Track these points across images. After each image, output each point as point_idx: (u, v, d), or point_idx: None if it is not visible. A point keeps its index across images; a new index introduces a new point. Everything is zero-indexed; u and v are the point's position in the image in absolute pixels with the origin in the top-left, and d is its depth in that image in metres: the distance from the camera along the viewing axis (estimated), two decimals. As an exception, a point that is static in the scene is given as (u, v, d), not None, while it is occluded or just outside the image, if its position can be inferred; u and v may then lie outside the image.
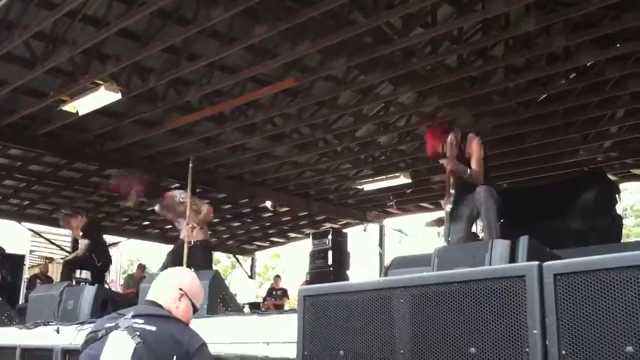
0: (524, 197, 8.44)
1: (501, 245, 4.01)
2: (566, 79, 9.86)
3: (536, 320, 2.34)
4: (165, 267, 7.69)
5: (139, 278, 13.08)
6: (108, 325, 2.95)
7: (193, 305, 3.14)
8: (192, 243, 7.74)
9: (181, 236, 7.94)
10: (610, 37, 8.58)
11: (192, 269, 7.84)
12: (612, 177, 11.47)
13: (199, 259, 7.78)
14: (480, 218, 5.84)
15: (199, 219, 7.92)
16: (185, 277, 3.26)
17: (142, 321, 2.90)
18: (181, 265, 7.43)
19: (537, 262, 2.43)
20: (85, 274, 10.39)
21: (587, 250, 4.19)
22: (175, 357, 2.79)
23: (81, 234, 9.74)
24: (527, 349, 2.34)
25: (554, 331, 2.29)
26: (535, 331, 2.33)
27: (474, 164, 5.79)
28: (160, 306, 3.04)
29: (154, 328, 2.87)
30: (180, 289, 3.11)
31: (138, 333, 2.83)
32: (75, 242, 15.89)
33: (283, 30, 8.11)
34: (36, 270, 15.52)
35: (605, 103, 10.53)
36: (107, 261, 9.84)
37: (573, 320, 2.27)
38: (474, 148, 5.86)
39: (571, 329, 2.27)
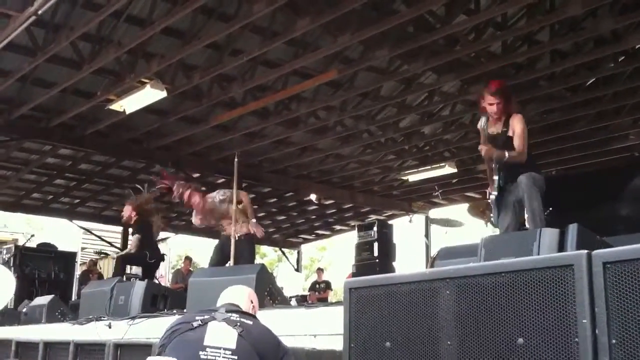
0: (573, 184, 8.29)
1: (550, 234, 3.94)
2: (615, 62, 9.62)
3: (585, 310, 2.30)
4: (213, 262, 7.76)
5: (186, 272, 13.26)
6: (202, 317, 3.10)
7: (256, 311, 3.46)
8: (237, 237, 7.65)
9: (227, 232, 7.88)
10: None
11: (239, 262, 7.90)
12: (664, 162, 11.17)
13: (246, 252, 7.71)
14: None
15: (246, 208, 7.77)
16: (252, 291, 3.55)
17: (238, 315, 3.10)
18: (228, 259, 7.47)
19: (585, 251, 2.38)
20: (136, 270, 10.54)
21: (637, 237, 4.08)
22: (272, 348, 3.04)
23: (131, 230, 9.88)
24: (576, 339, 2.30)
25: (603, 320, 2.25)
26: (584, 320, 2.29)
27: (516, 142, 5.62)
28: (242, 309, 3.26)
29: (250, 322, 3.09)
30: (252, 301, 3.40)
31: (238, 324, 3.03)
32: (125, 239, 16.22)
33: (324, 23, 8.10)
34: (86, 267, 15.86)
35: (656, 86, 10.25)
36: (158, 257, 9.97)
37: (623, 309, 2.22)
38: (515, 125, 5.65)
39: (621, 318, 2.22)
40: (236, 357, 2.89)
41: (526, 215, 5.65)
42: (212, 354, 2.92)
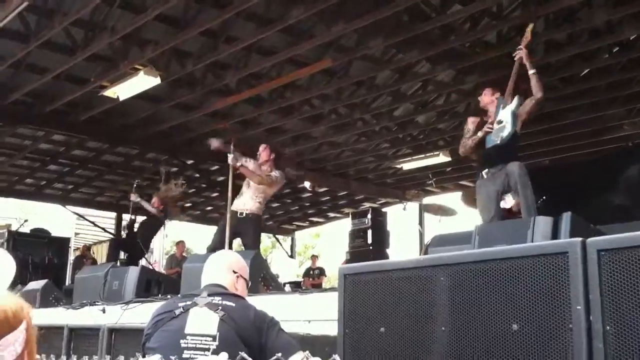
0: (566, 173, 8.34)
1: (543, 222, 3.98)
2: (609, 54, 9.64)
3: (580, 297, 2.32)
4: (213, 243, 7.54)
5: (180, 257, 13.30)
6: (183, 303, 3.03)
7: (246, 281, 3.30)
8: (244, 215, 7.43)
9: (232, 207, 7.57)
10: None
11: (242, 242, 7.77)
12: (657, 152, 11.21)
13: (251, 232, 7.41)
14: (512, 193, 5.80)
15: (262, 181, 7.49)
16: (232, 258, 3.38)
17: (220, 298, 2.99)
18: (233, 238, 7.38)
19: (580, 239, 2.41)
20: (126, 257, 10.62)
21: (631, 225, 4.12)
22: (255, 330, 2.89)
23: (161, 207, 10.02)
24: (570, 325, 2.33)
25: (598, 307, 2.27)
26: (578, 307, 2.31)
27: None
28: (225, 288, 3.14)
29: (233, 304, 2.97)
30: (234, 272, 3.23)
31: (220, 307, 2.93)
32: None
33: (319, 11, 8.07)
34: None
35: (650, 76, 10.28)
36: (146, 248, 10.11)
37: (618, 296, 2.25)
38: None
39: (616, 305, 2.24)
40: (217, 343, 2.81)
41: (521, 205, 5.70)
42: (193, 342, 2.87)
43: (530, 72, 5.82)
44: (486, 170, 5.94)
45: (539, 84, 5.78)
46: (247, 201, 7.51)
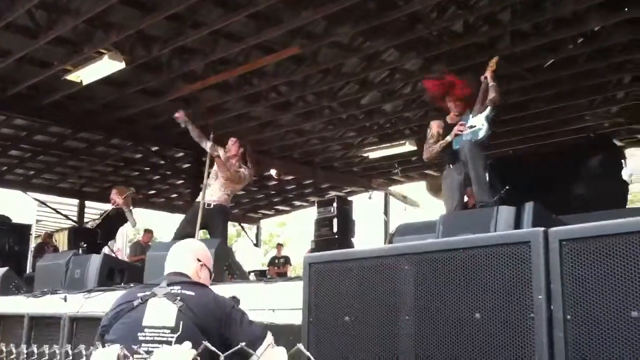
0: (529, 163, 8.43)
1: (506, 212, 4.02)
2: (574, 44, 9.76)
3: (541, 286, 2.34)
4: (178, 232, 7.50)
5: (145, 245, 13.16)
6: (142, 294, 2.94)
7: (210, 272, 3.24)
8: (212, 206, 7.43)
9: (199, 198, 7.62)
10: (618, 0, 8.46)
11: (209, 233, 7.73)
12: (618, 143, 11.42)
13: (217, 223, 7.43)
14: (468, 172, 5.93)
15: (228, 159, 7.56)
16: (198, 247, 3.32)
17: (179, 287, 2.92)
18: (194, 229, 7.35)
19: (542, 228, 2.43)
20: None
21: (592, 216, 4.18)
22: (214, 320, 2.82)
23: (131, 207, 9.77)
24: (532, 314, 2.35)
25: (559, 296, 2.30)
26: (540, 297, 2.34)
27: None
28: (187, 276, 3.08)
29: (192, 293, 2.90)
30: (199, 260, 3.18)
31: (179, 297, 2.86)
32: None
33: (287, -3, 8.04)
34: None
35: (613, 68, 10.43)
36: (106, 241, 9.94)
37: (578, 285, 2.27)
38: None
39: (576, 295, 2.27)
40: (175, 336, 2.72)
41: (473, 185, 5.84)
42: (151, 335, 2.79)
43: (492, 84, 6.10)
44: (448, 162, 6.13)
45: (497, 90, 6.07)
46: (214, 192, 7.52)
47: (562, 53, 9.93)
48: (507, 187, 6.34)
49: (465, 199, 6.36)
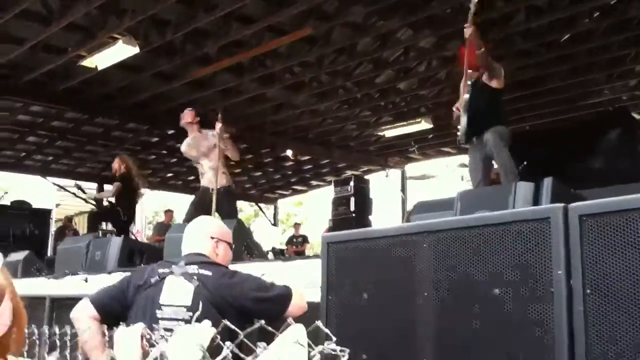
0: (547, 139, 8.37)
1: (525, 188, 3.99)
2: (590, 18, 9.64)
3: (561, 261, 2.34)
4: (189, 217, 7.65)
5: (168, 224, 13.27)
6: (161, 270, 3.00)
7: (229, 245, 3.26)
8: (218, 190, 7.57)
9: (204, 183, 7.79)
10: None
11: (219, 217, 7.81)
12: (636, 116, 11.30)
13: (225, 205, 7.60)
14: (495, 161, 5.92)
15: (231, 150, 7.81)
16: (210, 224, 3.34)
17: (197, 267, 2.96)
18: (208, 213, 7.42)
19: (562, 204, 2.41)
20: (110, 227, 10.52)
21: (611, 190, 4.15)
22: (230, 299, 2.87)
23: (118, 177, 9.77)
24: (551, 289, 2.35)
25: (578, 272, 2.30)
26: (559, 272, 2.34)
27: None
28: (206, 256, 3.10)
29: (209, 273, 2.94)
30: (212, 237, 3.19)
31: (195, 277, 2.90)
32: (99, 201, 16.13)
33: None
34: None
35: (630, 42, 10.30)
36: (131, 216, 9.94)
37: (599, 260, 2.27)
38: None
39: (596, 269, 2.27)
40: (191, 314, 2.72)
41: (500, 171, 5.81)
42: (168, 313, 2.85)
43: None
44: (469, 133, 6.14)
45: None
46: (215, 177, 7.64)
47: (578, 28, 9.82)
48: (524, 163, 6.31)
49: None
